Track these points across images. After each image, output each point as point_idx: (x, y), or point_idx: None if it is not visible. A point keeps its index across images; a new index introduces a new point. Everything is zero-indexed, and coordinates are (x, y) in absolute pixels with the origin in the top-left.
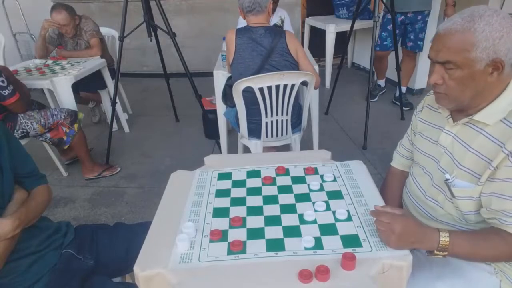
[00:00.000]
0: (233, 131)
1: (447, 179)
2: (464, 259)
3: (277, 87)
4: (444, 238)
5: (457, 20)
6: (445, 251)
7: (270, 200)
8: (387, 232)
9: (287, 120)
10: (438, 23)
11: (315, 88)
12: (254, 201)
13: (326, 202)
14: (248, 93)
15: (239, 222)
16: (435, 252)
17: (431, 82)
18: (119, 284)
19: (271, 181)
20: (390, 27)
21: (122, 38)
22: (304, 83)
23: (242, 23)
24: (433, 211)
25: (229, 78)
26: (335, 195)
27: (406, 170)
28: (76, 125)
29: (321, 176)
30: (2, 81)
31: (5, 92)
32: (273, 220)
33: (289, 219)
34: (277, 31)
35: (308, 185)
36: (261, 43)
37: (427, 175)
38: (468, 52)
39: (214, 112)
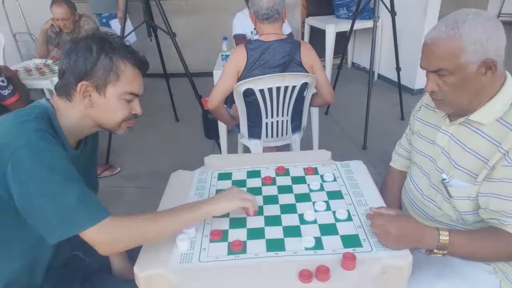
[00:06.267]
0: (233, 131)
1: (444, 179)
2: (463, 258)
3: (278, 89)
4: (444, 237)
5: (441, 28)
6: (444, 250)
7: (270, 200)
8: (383, 234)
9: (287, 120)
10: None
11: (324, 105)
12: None
13: (326, 202)
14: (253, 100)
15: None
16: (435, 251)
17: (427, 91)
18: (121, 283)
19: (271, 181)
20: None
21: (122, 38)
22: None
23: (238, 26)
24: (431, 211)
25: None
26: (335, 195)
27: (405, 171)
28: None
29: (321, 176)
30: (2, 81)
31: (4, 92)
32: (273, 220)
33: (289, 219)
34: (293, 44)
35: (308, 185)
36: (275, 59)
37: (424, 175)
38: (457, 58)
39: None
